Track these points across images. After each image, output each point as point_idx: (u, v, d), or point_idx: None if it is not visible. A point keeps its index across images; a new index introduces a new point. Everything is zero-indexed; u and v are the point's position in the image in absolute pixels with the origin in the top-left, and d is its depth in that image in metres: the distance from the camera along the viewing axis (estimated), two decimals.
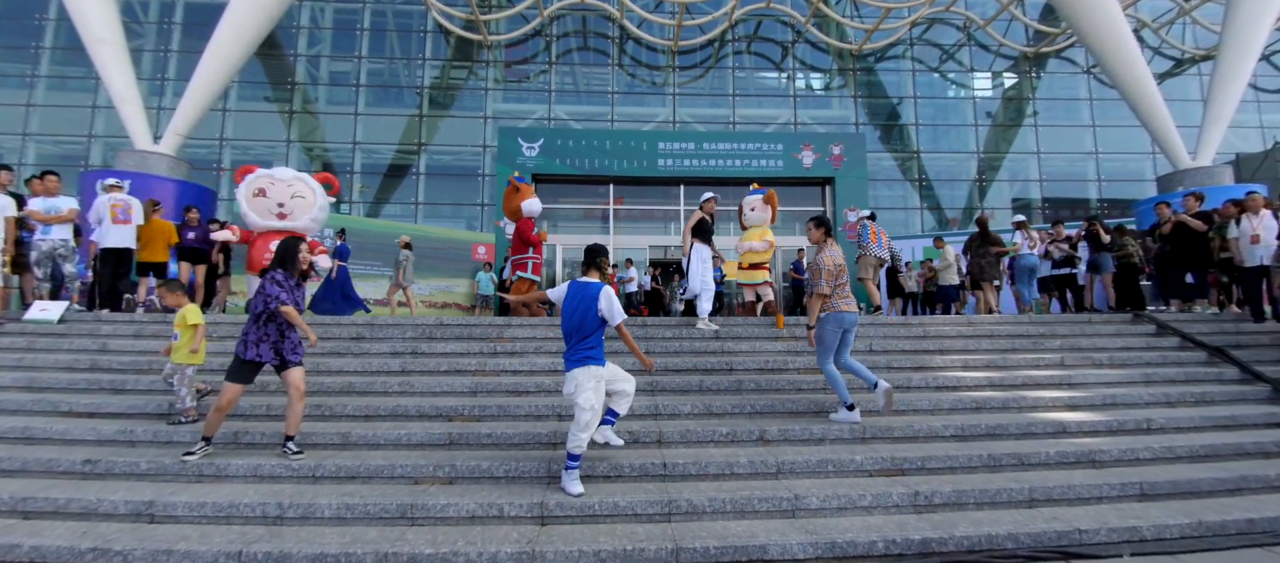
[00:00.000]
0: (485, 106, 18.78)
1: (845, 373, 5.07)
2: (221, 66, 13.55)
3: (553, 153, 16.59)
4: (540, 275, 9.36)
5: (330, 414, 4.99)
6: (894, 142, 19.43)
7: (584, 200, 17.44)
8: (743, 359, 6.21)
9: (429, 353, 6.35)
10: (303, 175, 9.45)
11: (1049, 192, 19.26)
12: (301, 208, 9.37)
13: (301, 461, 4.19)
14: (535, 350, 6.47)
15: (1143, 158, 19.50)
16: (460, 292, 15.35)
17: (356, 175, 18.04)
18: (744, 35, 19.65)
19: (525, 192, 9.40)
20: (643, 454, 4.39)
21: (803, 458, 4.29)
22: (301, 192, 9.39)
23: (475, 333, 6.88)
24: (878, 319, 7.76)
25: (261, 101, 18.29)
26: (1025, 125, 19.60)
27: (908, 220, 18.87)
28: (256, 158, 17.85)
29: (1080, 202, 19.37)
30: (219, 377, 4.58)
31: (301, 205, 9.37)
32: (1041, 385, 5.89)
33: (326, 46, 19.00)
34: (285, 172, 9.37)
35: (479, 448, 4.55)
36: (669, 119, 18.97)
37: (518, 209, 9.11)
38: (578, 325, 3.92)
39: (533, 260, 9.17)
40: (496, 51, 19.09)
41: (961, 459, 4.35)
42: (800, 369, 6.06)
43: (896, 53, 19.79)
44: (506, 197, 9.43)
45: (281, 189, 9.22)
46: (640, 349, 4.25)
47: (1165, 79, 19.62)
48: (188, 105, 13.47)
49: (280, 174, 9.31)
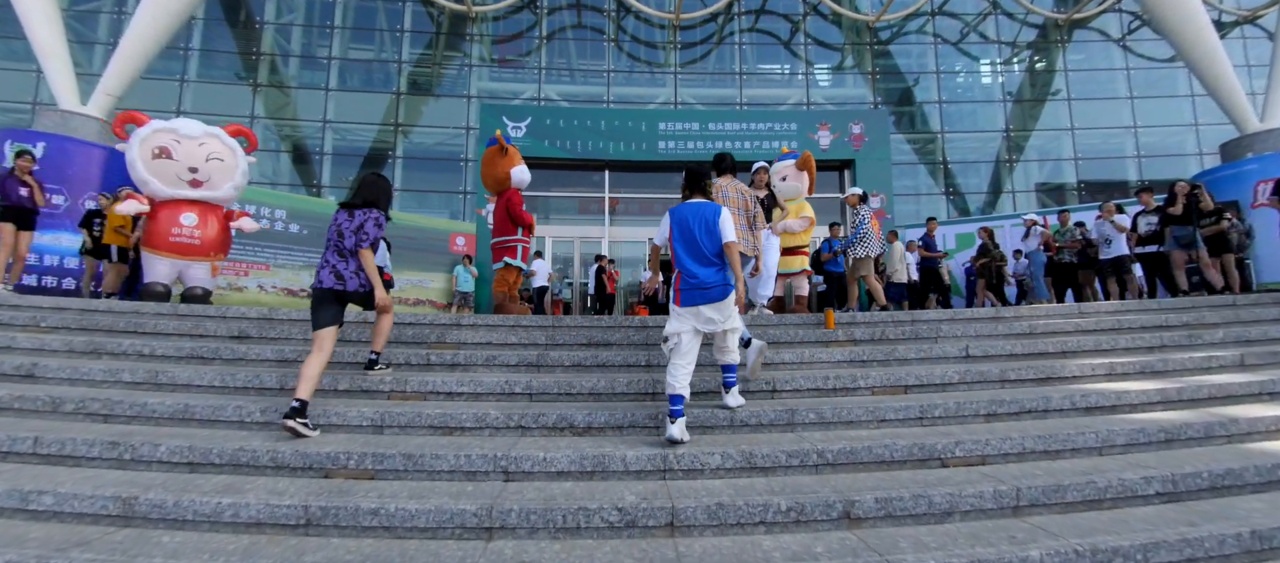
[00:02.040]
0: (469, 85, 16.75)
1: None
2: (163, 13, 11.51)
3: (541, 134, 14.56)
4: (530, 264, 7.28)
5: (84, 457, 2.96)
6: (914, 121, 17.38)
7: (576, 188, 15.39)
8: (789, 376, 4.15)
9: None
10: (215, 131, 7.43)
11: (1085, 172, 17.18)
12: (221, 173, 7.37)
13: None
14: (485, 362, 4.43)
15: (1184, 131, 17.43)
16: (436, 288, 13.31)
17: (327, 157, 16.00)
18: (750, 9, 17.60)
19: (513, 155, 7.11)
20: (646, 550, 2.35)
21: (925, 544, 2.27)
22: (218, 151, 7.38)
23: (408, 335, 4.85)
24: (964, 314, 5.72)
25: (223, 73, 16.26)
26: (1056, 100, 17.53)
27: (934, 206, 16.80)
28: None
29: (1118, 184, 17.27)
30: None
31: (221, 170, 7.37)
32: (1237, 398, 3.87)
33: (300, 15, 16.96)
34: (192, 125, 7.36)
35: (355, 535, 2.52)
36: (670, 101, 16.93)
37: (504, 177, 6.90)
38: (708, 249, 3.47)
39: (522, 244, 7.07)
40: (483, 26, 17.06)
41: (1194, 541, 2.34)
42: (875, 389, 4.02)
43: (916, 25, 17.74)
44: (488, 161, 7.11)
45: (191, 150, 7.19)
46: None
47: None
48: (121, 58, 11.41)
49: (187, 129, 7.27)
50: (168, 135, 7.17)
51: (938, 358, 4.54)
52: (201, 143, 7.31)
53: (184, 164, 7.23)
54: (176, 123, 7.28)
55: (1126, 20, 17.89)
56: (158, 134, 7.14)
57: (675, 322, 3.43)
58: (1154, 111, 17.41)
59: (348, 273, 3.66)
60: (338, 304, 3.68)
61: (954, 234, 14.31)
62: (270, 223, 11.57)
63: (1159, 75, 17.61)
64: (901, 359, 4.51)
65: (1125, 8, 17.84)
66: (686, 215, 3.53)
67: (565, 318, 5.43)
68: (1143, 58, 17.70)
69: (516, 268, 7.12)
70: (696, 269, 3.43)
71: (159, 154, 7.09)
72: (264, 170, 15.79)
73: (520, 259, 7.13)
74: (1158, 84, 17.54)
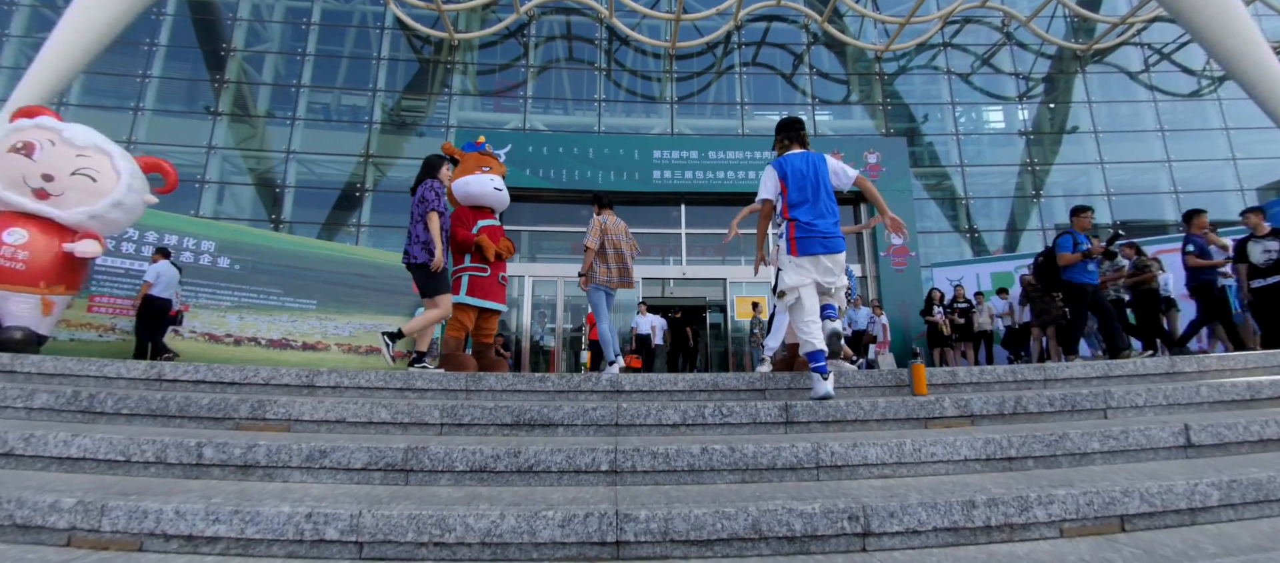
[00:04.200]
0: (449, 116, 15.12)
1: None
2: (89, 25, 9.89)
3: (522, 162, 12.81)
4: (492, 299, 5.42)
5: None
6: (928, 155, 15.68)
7: (562, 222, 13.52)
8: (884, 498, 2.03)
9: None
10: (109, 148, 5.68)
11: (1119, 209, 15.32)
12: (83, 193, 5.49)
13: None
14: (308, 460, 2.27)
15: (1222, 165, 15.71)
16: None
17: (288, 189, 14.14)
18: (750, 40, 16.17)
19: (467, 162, 5.51)
20: None
21: None
22: (92, 169, 5.54)
23: (205, 403, 2.76)
24: (1122, 369, 3.64)
25: (183, 104, 14.64)
26: (1082, 133, 15.88)
27: (954, 244, 14.88)
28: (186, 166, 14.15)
29: (1154, 225, 15.40)
30: None
31: (85, 190, 5.50)
32: None
33: (271, 42, 15.49)
34: (84, 133, 5.62)
35: None
36: (666, 131, 15.29)
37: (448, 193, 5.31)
38: (826, 196, 3.25)
39: (471, 274, 5.23)
40: (467, 54, 15.59)
41: None
42: (1065, 526, 1.91)
43: (927, 55, 16.29)
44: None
45: (62, 155, 5.39)
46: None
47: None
48: (36, 77, 9.71)
49: (72, 133, 5.52)
50: (44, 133, 5.38)
51: (1138, 450, 2.46)
52: (82, 153, 5.48)
53: (39, 169, 5.35)
54: (69, 127, 5.53)
55: (1147, 54, 16.51)
56: (29, 130, 5.36)
57: (794, 274, 3.21)
58: (1186, 145, 15.76)
59: (409, 244, 4.02)
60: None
61: (988, 274, 12.35)
62: (194, 256, 9.61)
63: (1188, 108, 16.10)
64: (1077, 453, 2.42)
65: (1146, 39, 16.50)
66: (796, 164, 3.33)
67: (487, 377, 3.36)
68: (1160, 90, 16.22)
69: (472, 307, 5.25)
70: (814, 219, 3.20)
71: (19, 149, 5.26)
72: (230, 205, 13.99)
73: (469, 294, 5.25)
74: (1187, 115, 15.99)
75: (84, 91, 14.34)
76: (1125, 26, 15.94)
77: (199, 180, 13.63)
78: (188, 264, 9.46)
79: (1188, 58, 16.61)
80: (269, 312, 10.12)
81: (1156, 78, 16.34)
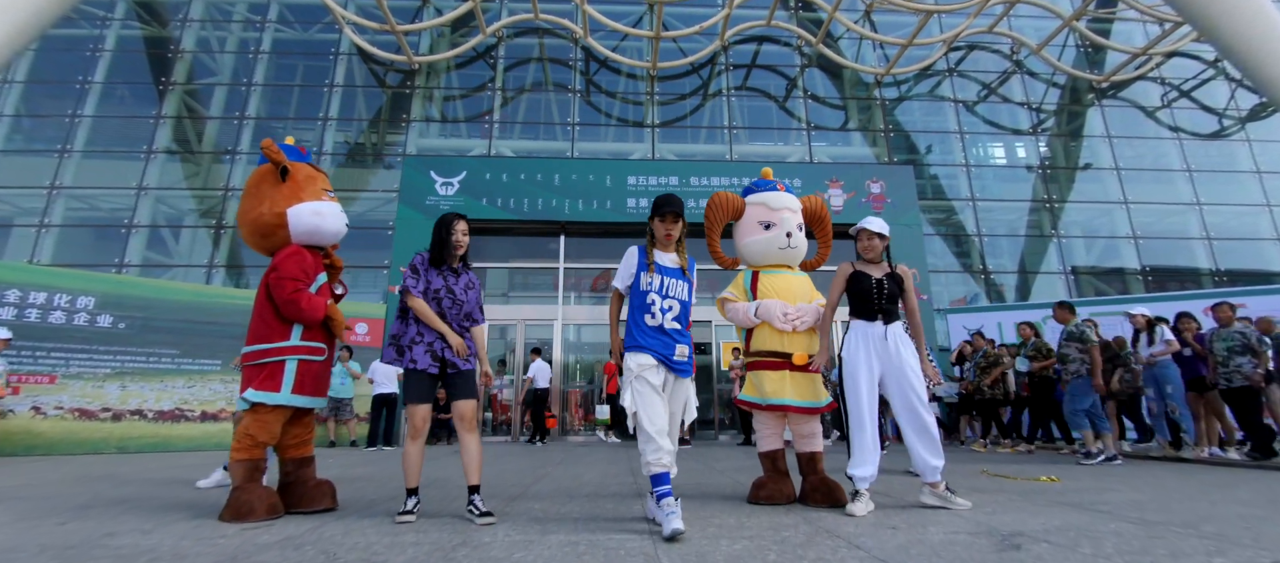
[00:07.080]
0: (407, 143, 13.28)
1: None
2: None
3: (478, 191, 10.88)
4: (321, 395, 3.28)
5: None
6: (932, 188, 13.81)
7: (521, 258, 11.52)
8: None
9: None
10: None
11: (1148, 254, 13.35)
12: None
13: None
14: None
15: (1257, 211, 13.85)
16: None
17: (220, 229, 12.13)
18: (739, 63, 14.50)
19: (302, 182, 3.28)
20: None
21: None
22: None
23: None
24: None
25: (117, 139, 12.79)
26: (1101, 170, 14.07)
27: (967, 287, 12.86)
28: (104, 210, 12.20)
29: (1187, 271, 13.41)
30: None
31: None
32: None
33: (218, 71, 13.77)
34: None
35: None
36: (646, 156, 13.45)
37: (273, 221, 3.22)
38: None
39: (305, 356, 3.24)
40: (431, 78, 13.88)
41: None
42: None
43: (930, 82, 14.61)
44: (251, 192, 3.27)
45: None
46: None
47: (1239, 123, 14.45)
48: None
49: None
50: None
51: None
52: None
53: None
54: None
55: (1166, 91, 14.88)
56: None
57: None
58: (1218, 188, 13.94)
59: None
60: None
61: (1011, 323, 10.28)
62: (66, 316, 7.55)
63: (1217, 148, 14.39)
64: None
65: (1165, 73, 14.91)
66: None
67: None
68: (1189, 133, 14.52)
69: (282, 407, 3.06)
70: None
71: None
72: (158, 250, 11.91)
73: (297, 390, 3.13)
74: (1216, 158, 14.27)
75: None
76: (1144, 58, 14.32)
77: (126, 225, 11.67)
78: (57, 326, 7.44)
79: (1210, 95, 14.99)
80: (161, 377, 8.03)
81: (1179, 116, 14.66)
